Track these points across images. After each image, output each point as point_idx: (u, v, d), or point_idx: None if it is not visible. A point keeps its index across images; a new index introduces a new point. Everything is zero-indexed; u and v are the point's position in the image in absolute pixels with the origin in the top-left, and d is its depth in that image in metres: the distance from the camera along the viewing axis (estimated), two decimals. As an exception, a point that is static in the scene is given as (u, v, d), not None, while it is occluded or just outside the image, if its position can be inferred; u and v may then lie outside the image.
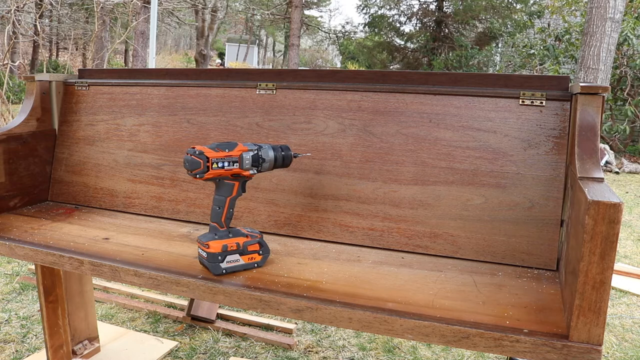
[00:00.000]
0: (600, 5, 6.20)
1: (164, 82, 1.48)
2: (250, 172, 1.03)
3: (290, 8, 16.48)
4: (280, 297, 0.89)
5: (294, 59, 15.19)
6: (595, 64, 6.35)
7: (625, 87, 8.14)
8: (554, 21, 11.61)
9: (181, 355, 1.96)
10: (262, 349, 2.03)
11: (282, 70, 1.39)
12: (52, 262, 1.09)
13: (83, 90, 1.57)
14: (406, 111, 1.23)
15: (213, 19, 17.88)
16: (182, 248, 1.15)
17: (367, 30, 16.83)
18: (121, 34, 9.61)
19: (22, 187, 1.45)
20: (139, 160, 1.46)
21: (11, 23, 7.06)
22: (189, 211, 1.37)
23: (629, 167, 7.44)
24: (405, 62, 15.31)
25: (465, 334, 0.78)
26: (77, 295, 1.76)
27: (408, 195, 1.18)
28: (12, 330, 2.09)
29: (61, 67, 14.01)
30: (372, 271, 1.03)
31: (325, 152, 1.27)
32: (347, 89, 1.28)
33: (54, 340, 1.69)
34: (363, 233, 1.20)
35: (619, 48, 7.52)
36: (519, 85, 1.17)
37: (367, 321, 0.83)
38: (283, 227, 1.27)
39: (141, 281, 1.00)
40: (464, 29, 14.66)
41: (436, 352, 2.07)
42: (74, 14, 15.35)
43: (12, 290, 2.46)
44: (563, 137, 1.10)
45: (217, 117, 1.40)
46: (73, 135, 1.55)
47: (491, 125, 1.15)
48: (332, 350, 2.06)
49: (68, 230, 1.25)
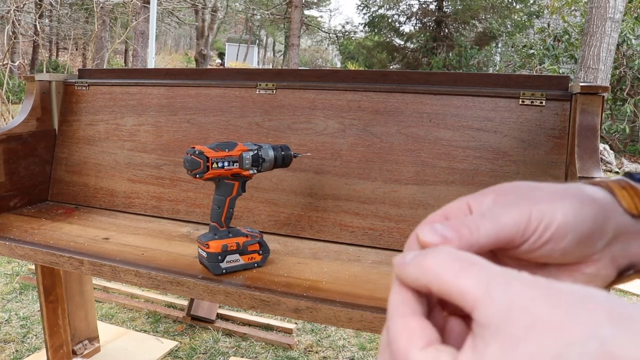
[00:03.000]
0: (600, 5, 6.20)
1: (163, 82, 1.48)
2: (250, 171, 1.03)
3: (290, 8, 16.48)
4: (280, 297, 0.89)
5: (294, 58, 15.20)
6: (595, 64, 6.35)
7: (625, 87, 8.15)
8: (554, 21, 11.62)
9: (181, 355, 1.96)
10: (262, 349, 2.03)
11: (282, 70, 1.39)
12: (52, 262, 1.09)
13: (83, 90, 1.57)
14: (406, 111, 1.23)
15: (213, 18, 17.89)
16: (182, 248, 1.15)
17: (367, 30, 16.85)
18: (121, 34, 9.61)
19: (22, 187, 1.45)
20: (138, 160, 1.46)
21: (11, 23, 7.06)
22: (189, 211, 1.37)
23: (628, 167, 7.44)
24: (404, 62, 15.32)
25: (465, 333, 0.78)
26: (77, 295, 1.76)
27: (408, 195, 1.18)
28: (12, 330, 2.09)
29: (61, 67, 14.01)
30: (372, 271, 1.03)
31: (325, 151, 1.27)
32: (347, 89, 1.28)
33: (54, 340, 1.69)
34: (363, 233, 1.20)
35: (618, 48, 7.52)
36: (519, 85, 1.17)
37: (367, 321, 0.83)
38: (283, 226, 1.27)
39: (141, 281, 1.00)
40: (464, 28, 14.67)
41: (436, 352, 2.07)
42: (74, 13, 15.35)
43: (12, 290, 2.46)
44: (563, 137, 1.10)
45: (217, 117, 1.40)
46: (73, 135, 1.55)
47: (491, 125, 1.15)
48: (332, 350, 2.06)
49: (68, 230, 1.25)
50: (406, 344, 0.25)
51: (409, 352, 0.24)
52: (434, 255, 0.25)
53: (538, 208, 0.29)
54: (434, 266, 0.25)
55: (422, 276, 0.25)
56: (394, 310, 0.27)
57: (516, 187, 0.31)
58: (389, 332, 0.26)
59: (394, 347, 0.25)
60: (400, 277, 0.27)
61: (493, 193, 0.31)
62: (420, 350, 0.24)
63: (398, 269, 0.27)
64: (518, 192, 0.30)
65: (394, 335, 0.25)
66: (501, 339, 0.21)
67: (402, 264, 0.27)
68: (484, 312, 0.22)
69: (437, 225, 0.28)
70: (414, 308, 0.26)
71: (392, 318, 0.26)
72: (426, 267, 0.25)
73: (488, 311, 0.22)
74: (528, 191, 0.30)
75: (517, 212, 0.28)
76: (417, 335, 0.25)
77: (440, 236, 0.28)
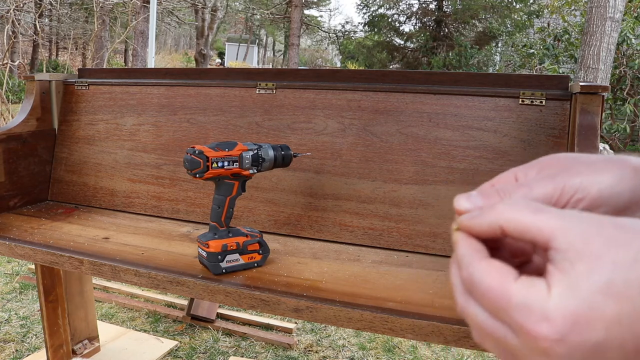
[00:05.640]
0: (600, 4, 6.20)
1: (163, 81, 1.48)
2: (250, 171, 1.03)
3: (290, 8, 16.47)
4: (280, 297, 0.89)
5: (294, 58, 15.19)
6: (595, 64, 6.35)
7: (625, 87, 8.15)
8: (554, 21, 11.61)
9: (181, 354, 1.96)
10: (262, 349, 2.03)
11: (281, 69, 1.39)
12: (52, 261, 1.09)
13: (83, 89, 1.57)
14: (406, 111, 1.23)
15: (213, 18, 17.87)
16: (182, 247, 1.14)
17: (367, 29, 16.84)
18: (121, 34, 9.60)
19: (22, 186, 1.45)
20: (138, 159, 1.46)
21: (10, 22, 7.06)
22: (188, 211, 1.37)
23: (628, 167, 7.42)
24: (404, 62, 15.32)
25: (465, 333, 0.78)
26: (77, 295, 1.76)
27: (408, 194, 1.18)
28: (12, 329, 2.09)
29: (61, 67, 14.00)
30: (372, 270, 1.03)
31: (325, 151, 1.27)
32: (347, 89, 1.28)
33: (54, 340, 1.69)
34: (363, 232, 1.20)
35: (618, 48, 7.52)
36: (518, 85, 1.17)
37: (367, 320, 0.83)
38: (283, 226, 1.27)
39: (141, 281, 1.00)
40: (464, 28, 14.67)
41: (436, 351, 2.07)
42: (74, 13, 15.34)
43: (12, 290, 2.46)
44: (563, 137, 1.10)
45: (217, 116, 1.40)
46: (73, 135, 1.55)
47: (491, 125, 1.15)
48: (332, 349, 2.06)
49: (68, 229, 1.25)
50: (500, 279, 0.28)
51: (505, 285, 0.27)
52: (508, 203, 0.29)
53: (573, 181, 0.31)
54: (509, 210, 0.28)
55: (497, 220, 0.29)
56: (470, 257, 0.30)
57: (560, 159, 0.33)
58: (473, 277, 0.29)
59: (484, 286, 0.28)
60: (471, 227, 0.30)
61: (538, 165, 0.34)
62: (515, 282, 0.27)
63: (468, 221, 0.31)
64: (560, 164, 0.33)
65: (481, 276, 0.28)
66: (586, 258, 0.25)
67: (472, 216, 0.31)
68: (563, 239, 0.26)
69: (473, 193, 0.32)
70: (486, 253, 0.30)
71: (472, 264, 0.29)
72: (501, 212, 0.29)
73: (568, 238, 0.26)
74: (570, 164, 0.32)
75: (551, 184, 0.31)
76: (506, 270, 0.28)
77: (472, 203, 0.32)
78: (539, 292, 0.26)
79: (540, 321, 0.26)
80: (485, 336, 0.29)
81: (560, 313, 0.25)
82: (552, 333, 0.25)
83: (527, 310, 0.26)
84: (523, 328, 0.26)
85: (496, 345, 0.29)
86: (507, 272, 0.28)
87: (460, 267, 0.30)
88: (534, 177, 0.33)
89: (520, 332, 0.27)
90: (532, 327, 0.26)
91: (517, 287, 0.27)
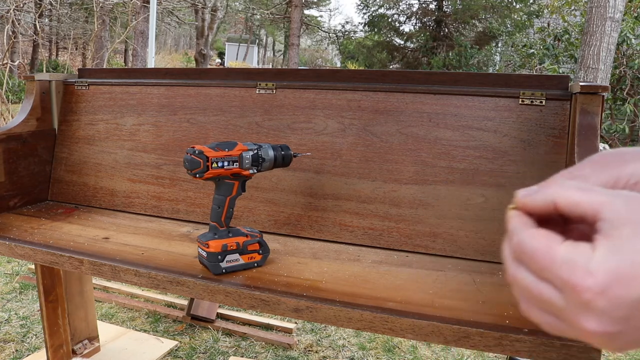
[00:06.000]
0: (600, 4, 6.19)
1: (163, 81, 1.48)
2: (250, 171, 1.03)
3: (290, 8, 16.47)
4: (280, 297, 0.89)
5: (294, 58, 15.19)
6: (595, 64, 6.34)
7: (625, 87, 8.14)
8: (554, 21, 11.61)
9: (181, 354, 1.96)
10: (262, 349, 2.03)
11: (281, 69, 1.39)
12: (52, 261, 1.09)
13: (83, 89, 1.57)
14: (406, 111, 1.23)
15: (213, 18, 17.87)
16: (182, 247, 1.14)
17: (367, 29, 16.84)
18: (121, 34, 9.60)
19: (22, 186, 1.45)
20: (138, 159, 1.46)
21: (10, 22, 7.06)
22: (188, 211, 1.37)
23: (628, 167, 7.43)
24: (404, 62, 15.32)
25: (465, 333, 0.78)
26: (77, 295, 1.76)
27: (408, 194, 1.18)
28: (12, 329, 2.09)
29: (61, 67, 14.00)
30: (372, 270, 1.03)
31: (325, 151, 1.27)
32: (347, 89, 1.28)
33: (54, 340, 1.69)
34: (363, 232, 1.20)
35: (618, 48, 7.51)
36: (518, 85, 1.17)
37: (367, 321, 0.83)
38: (283, 226, 1.27)
39: (141, 281, 1.00)
40: (464, 28, 14.68)
41: (436, 351, 2.07)
42: (74, 13, 15.34)
43: (12, 290, 2.46)
44: (563, 137, 1.10)
45: (217, 116, 1.40)
46: (73, 135, 1.55)
47: (491, 125, 1.15)
48: (332, 349, 2.06)
49: (68, 229, 1.25)
50: (547, 243, 0.31)
51: (552, 247, 0.31)
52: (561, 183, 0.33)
53: (626, 169, 0.35)
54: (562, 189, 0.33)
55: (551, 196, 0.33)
56: (520, 227, 0.33)
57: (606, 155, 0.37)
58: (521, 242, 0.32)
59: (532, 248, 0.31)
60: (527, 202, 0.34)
61: (590, 162, 0.37)
62: (561, 245, 0.30)
63: (524, 197, 0.34)
64: (609, 159, 0.36)
65: (530, 241, 0.32)
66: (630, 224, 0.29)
67: (528, 194, 0.34)
68: (611, 210, 0.30)
69: (533, 188, 0.35)
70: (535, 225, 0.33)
71: (522, 232, 0.33)
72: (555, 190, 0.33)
73: (614, 208, 0.30)
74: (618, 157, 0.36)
75: (606, 174, 0.35)
76: (552, 235, 0.31)
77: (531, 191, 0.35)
78: (583, 251, 0.29)
79: (583, 275, 0.28)
80: (532, 301, 0.32)
81: (603, 268, 0.28)
82: (594, 285, 0.28)
83: (572, 266, 0.29)
84: (567, 282, 0.29)
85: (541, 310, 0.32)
86: (553, 236, 0.31)
87: (511, 238, 0.34)
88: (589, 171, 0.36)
89: (564, 288, 0.29)
90: (576, 281, 0.28)
91: (562, 248, 0.30)
